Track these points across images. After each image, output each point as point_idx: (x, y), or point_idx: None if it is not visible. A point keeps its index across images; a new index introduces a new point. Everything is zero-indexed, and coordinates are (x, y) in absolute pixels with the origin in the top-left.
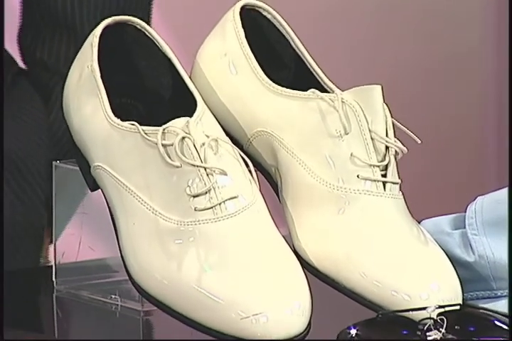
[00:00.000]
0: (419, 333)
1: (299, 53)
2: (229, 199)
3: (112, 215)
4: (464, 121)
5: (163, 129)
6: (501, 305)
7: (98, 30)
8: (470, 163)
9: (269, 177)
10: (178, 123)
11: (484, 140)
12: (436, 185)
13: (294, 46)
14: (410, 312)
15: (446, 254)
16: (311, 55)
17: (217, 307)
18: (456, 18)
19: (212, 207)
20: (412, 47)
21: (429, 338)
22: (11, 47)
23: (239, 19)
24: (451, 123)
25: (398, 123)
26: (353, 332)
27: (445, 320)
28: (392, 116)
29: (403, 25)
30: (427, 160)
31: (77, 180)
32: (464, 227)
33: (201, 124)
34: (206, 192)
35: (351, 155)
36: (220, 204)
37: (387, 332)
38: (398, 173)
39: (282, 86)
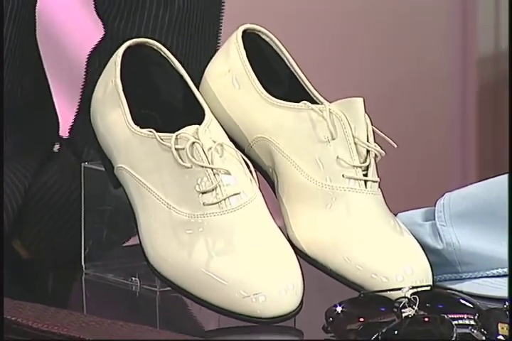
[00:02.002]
0: (395, 310)
1: (293, 70)
2: (232, 195)
3: (132, 209)
4: (435, 131)
5: (176, 135)
6: (466, 286)
7: (120, 51)
8: (439, 164)
9: (267, 177)
10: (189, 130)
11: (451, 145)
12: (410, 183)
13: (288, 64)
14: (388, 292)
15: (419, 242)
16: (303, 72)
17: (222, 288)
18: (425, 32)
19: (218, 202)
20: (387, 64)
21: (404, 314)
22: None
23: (241, 41)
24: (424, 132)
25: (377, 130)
26: (339, 309)
27: (418, 298)
28: (372, 124)
29: (381, 44)
30: (402, 162)
31: (102, 179)
32: (434, 219)
33: (209, 131)
34: (213, 190)
35: (337, 157)
36: (224, 199)
37: (368, 309)
38: (377, 173)
39: (278, 98)
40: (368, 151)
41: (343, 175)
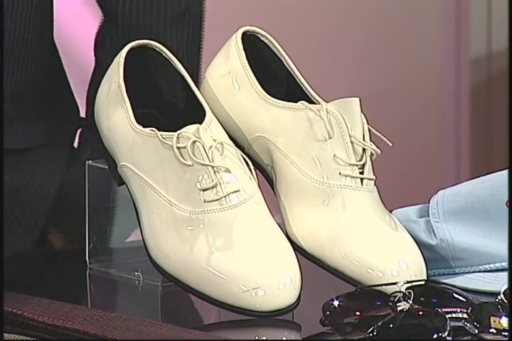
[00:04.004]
0: (390, 304)
1: (291, 71)
2: (232, 192)
3: (135, 206)
4: (429, 130)
5: (178, 134)
6: (459, 281)
7: (124, 52)
8: (433, 163)
9: (265, 175)
10: (190, 130)
11: (445, 144)
12: (405, 180)
13: (286, 65)
14: (383, 287)
15: (413, 238)
16: (300, 73)
17: (222, 283)
18: (418, 33)
19: (218, 199)
20: (382, 65)
21: (399, 308)
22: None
23: (240, 43)
24: (418, 131)
25: (373, 129)
26: (336, 303)
27: (412, 293)
28: (368, 123)
29: (376, 45)
30: (397, 160)
31: (106, 176)
32: (428, 216)
33: (209, 130)
34: (213, 187)
35: (334, 156)
36: (225, 196)
37: (364, 303)
38: (373, 171)
39: (277, 98)
40: (364, 150)
41: (339, 173)
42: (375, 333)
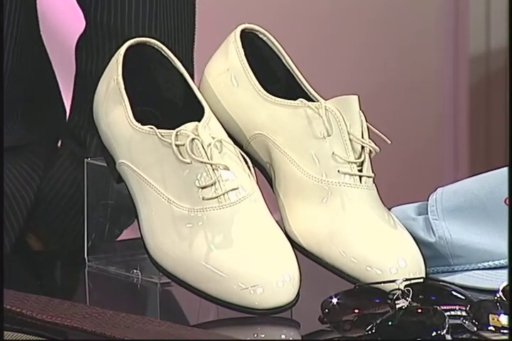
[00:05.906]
0: (389, 301)
1: (289, 69)
2: (231, 190)
3: (133, 203)
4: (427, 128)
5: (177, 132)
6: (458, 278)
7: (122, 50)
8: (432, 160)
9: (264, 172)
10: (188, 127)
11: (443, 142)
12: (404, 178)
13: (285, 63)
14: (382, 284)
15: (412, 236)
16: (299, 70)
17: (221, 280)
18: (417, 31)
19: (217, 197)
20: (381, 62)
21: (397, 306)
22: None
23: (239, 40)
24: (417, 129)
25: (372, 127)
26: (335, 300)
27: (411, 290)
28: (367, 121)
29: (375, 43)
30: (395, 158)
31: (104, 174)
32: (427, 213)
33: (208, 128)
34: (212, 185)
35: (333, 153)
36: (223, 194)
37: (362, 301)
38: (372, 168)
39: (275, 96)
40: (362, 147)
41: (338, 171)
42: (373, 331)
